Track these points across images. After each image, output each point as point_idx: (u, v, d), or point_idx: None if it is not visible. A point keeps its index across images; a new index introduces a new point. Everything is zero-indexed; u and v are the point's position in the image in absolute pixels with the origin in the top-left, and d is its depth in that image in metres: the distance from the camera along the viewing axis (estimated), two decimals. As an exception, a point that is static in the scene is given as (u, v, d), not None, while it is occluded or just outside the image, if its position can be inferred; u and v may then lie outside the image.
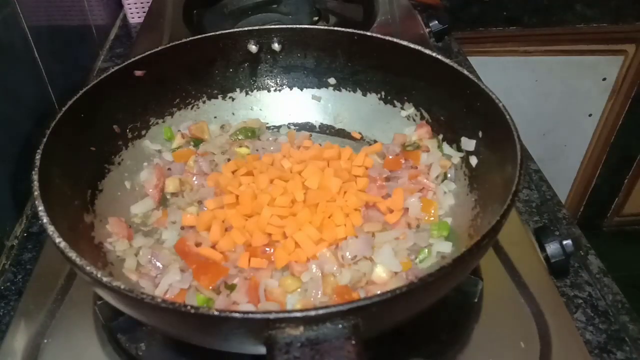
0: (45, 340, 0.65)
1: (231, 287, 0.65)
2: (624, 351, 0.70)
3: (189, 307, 0.45)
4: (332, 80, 0.92)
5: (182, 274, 0.66)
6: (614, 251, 1.44)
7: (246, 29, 0.89)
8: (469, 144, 0.77)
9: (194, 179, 0.82)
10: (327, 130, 0.93)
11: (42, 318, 0.67)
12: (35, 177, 0.59)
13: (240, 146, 0.87)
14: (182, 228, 0.74)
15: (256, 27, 0.89)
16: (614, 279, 0.81)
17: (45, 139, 0.64)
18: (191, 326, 0.50)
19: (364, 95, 0.91)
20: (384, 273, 0.67)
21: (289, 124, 0.94)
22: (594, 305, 0.76)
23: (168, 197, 0.80)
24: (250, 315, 0.45)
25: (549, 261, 0.74)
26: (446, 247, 0.70)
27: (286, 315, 0.44)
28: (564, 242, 0.74)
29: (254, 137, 0.89)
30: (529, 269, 0.72)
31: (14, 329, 0.67)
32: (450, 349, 0.64)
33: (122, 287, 0.48)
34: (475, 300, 0.68)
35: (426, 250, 0.70)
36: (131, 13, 1.51)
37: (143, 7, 1.48)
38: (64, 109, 0.69)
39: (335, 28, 0.88)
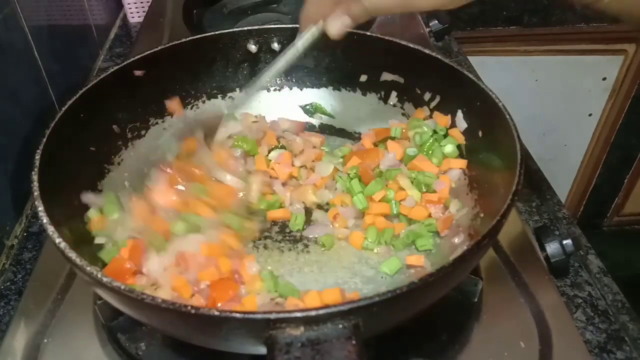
0: (45, 340, 0.65)
1: None
2: (624, 351, 0.70)
3: (189, 307, 0.45)
4: (332, 80, 0.92)
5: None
6: (614, 251, 1.44)
7: (246, 28, 0.89)
8: (469, 143, 0.77)
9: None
10: (327, 130, 0.93)
11: (42, 318, 0.67)
12: (35, 177, 0.59)
13: None
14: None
15: (256, 27, 0.89)
16: (614, 279, 0.81)
17: (45, 139, 0.64)
18: (191, 326, 0.50)
19: (364, 95, 0.91)
20: None
21: (289, 124, 0.94)
22: (594, 304, 0.76)
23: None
24: (251, 315, 0.45)
25: (549, 261, 0.74)
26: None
27: (287, 315, 0.44)
28: (564, 242, 0.74)
29: (255, 152, 0.85)
30: (529, 269, 0.72)
31: (14, 329, 0.67)
32: (450, 349, 0.64)
33: (122, 287, 0.48)
34: (475, 300, 0.68)
35: None
36: (131, 13, 1.50)
37: (143, 7, 1.48)
38: (63, 108, 0.69)
39: (335, 28, 0.88)
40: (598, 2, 0.62)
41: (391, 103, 0.89)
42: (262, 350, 0.45)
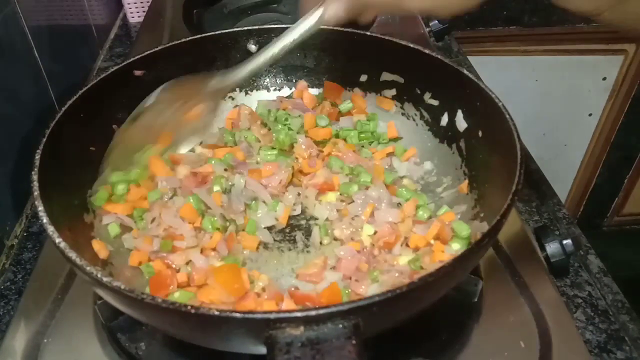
0: (45, 340, 0.65)
1: None
2: (624, 351, 0.70)
3: (189, 307, 0.45)
4: (332, 80, 0.92)
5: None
6: (614, 251, 1.44)
7: (246, 28, 0.89)
8: (469, 143, 0.77)
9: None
10: (327, 130, 0.93)
11: (42, 318, 0.67)
12: (35, 177, 0.59)
13: None
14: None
15: (256, 27, 0.89)
16: (614, 279, 0.81)
17: (45, 139, 0.64)
18: (191, 326, 0.50)
19: (364, 95, 0.91)
20: None
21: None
22: (593, 304, 0.76)
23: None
24: (251, 315, 0.45)
25: (549, 261, 0.74)
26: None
27: (287, 315, 0.44)
28: (564, 242, 0.74)
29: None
30: (529, 269, 0.72)
31: (14, 329, 0.67)
32: (450, 349, 0.64)
33: (122, 287, 0.48)
34: (475, 300, 0.68)
35: None
36: (131, 13, 1.50)
37: (143, 7, 1.48)
38: (63, 108, 0.69)
39: (335, 28, 0.88)
40: (599, 15, 0.62)
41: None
42: (262, 350, 0.45)
